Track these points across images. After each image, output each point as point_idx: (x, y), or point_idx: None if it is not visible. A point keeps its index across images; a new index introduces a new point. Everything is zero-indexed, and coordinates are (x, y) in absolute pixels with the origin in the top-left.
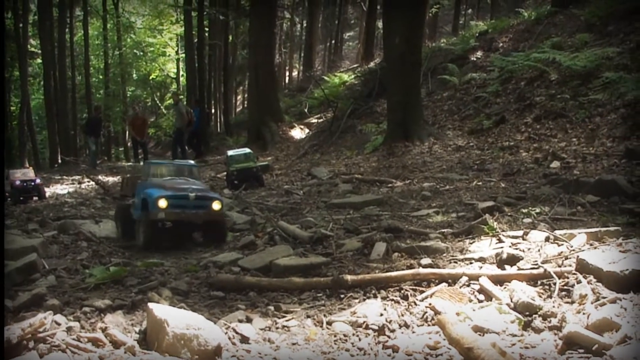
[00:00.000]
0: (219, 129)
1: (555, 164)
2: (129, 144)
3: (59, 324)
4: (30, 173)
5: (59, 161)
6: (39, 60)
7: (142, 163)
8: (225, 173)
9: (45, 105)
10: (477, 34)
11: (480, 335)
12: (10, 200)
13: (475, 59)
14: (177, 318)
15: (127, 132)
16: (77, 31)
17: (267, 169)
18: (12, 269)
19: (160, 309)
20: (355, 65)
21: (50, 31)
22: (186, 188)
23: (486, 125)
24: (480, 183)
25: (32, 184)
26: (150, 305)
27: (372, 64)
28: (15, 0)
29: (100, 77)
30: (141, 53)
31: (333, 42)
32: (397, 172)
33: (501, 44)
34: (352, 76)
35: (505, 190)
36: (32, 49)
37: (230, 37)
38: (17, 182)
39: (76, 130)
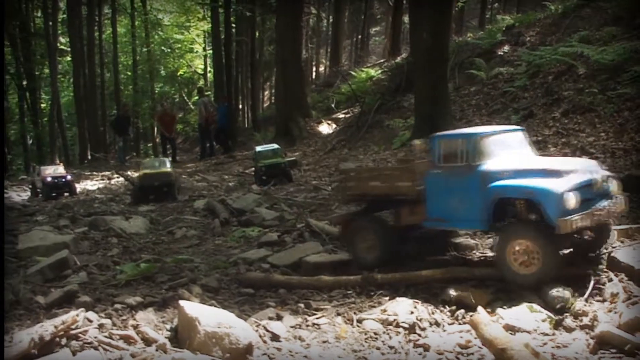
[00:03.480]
0: (246, 125)
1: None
2: (157, 140)
3: (91, 321)
4: (61, 169)
5: (89, 157)
6: (69, 58)
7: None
8: (253, 169)
9: (75, 102)
10: (504, 28)
11: (511, 334)
12: (41, 196)
13: (502, 53)
14: (209, 316)
15: (156, 128)
16: (106, 29)
17: (295, 165)
18: (44, 265)
19: (192, 307)
20: (382, 60)
21: (80, 29)
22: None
23: (514, 120)
24: None
25: (63, 180)
26: (182, 303)
27: (399, 59)
28: None
29: (129, 73)
30: (169, 50)
31: (359, 37)
32: None
33: (528, 38)
34: (379, 71)
35: None
36: (62, 47)
37: (257, 33)
38: (48, 179)
39: (105, 126)
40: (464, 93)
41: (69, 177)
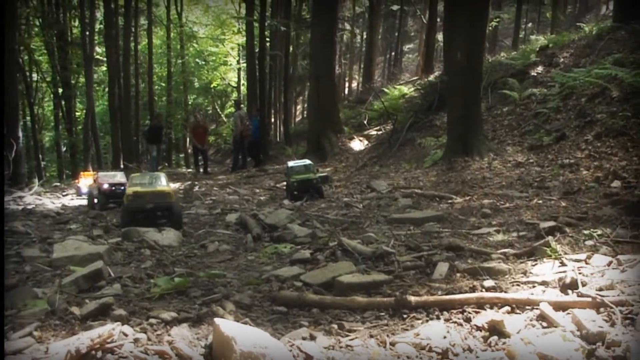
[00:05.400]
0: (277, 139)
1: (616, 183)
2: (189, 151)
3: (126, 335)
4: (120, 176)
5: (121, 166)
6: (104, 68)
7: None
8: (284, 183)
9: (109, 111)
10: (537, 49)
11: None
12: (97, 206)
13: (535, 74)
14: (244, 335)
15: (188, 139)
16: (142, 40)
17: (327, 181)
18: (79, 275)
19: (227, 326)
20: (414, 78)
21: (116, 39)
22: None
23: (546, 141)
24: (540, 201)
25: (122, 188)
26: (217, 321)
27: (431, 77)
28: (82, 10)
29: (163, 84)
30: (203, 62)
31: (393, 54)
32: (456, 188)
33: (562, 59)
34: (412, 89)
35: (565, 209)
36: (98, 57)
37: (291, 48)
38: (105, 186)
39: (138, 136)
40: (497, 113)
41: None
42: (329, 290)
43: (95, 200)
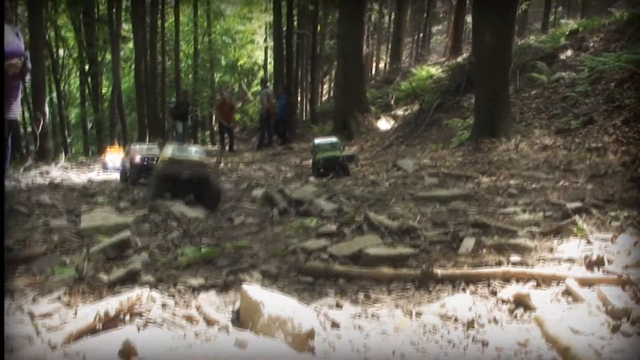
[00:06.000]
0: (304, 117)
1: None
2: (215, 129)
3: (154, 300)
4: (155, 149)
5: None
6: (131, 45)
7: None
8: (310, 161)
9: (135, 88)
10: (567, 33)
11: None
12: (129, 181)
13: (564, 58)
14: (272, 301)
15: (214, 117)
16: (169, 17)
17: (353, 159)
18: (106, 244)
19: (255, 291)
20: (442, 59)
21: (143, 17)
22: None
23: (573, 125)
24: (566, 184)
25: (155, 162)
26: (245, 286)
27: (460, 59)
28: None
29: (190, 62)
30: (230, 40)
31: (421, 35)
32: (482, 168)
33: (592, 44)
34: (440, 70)
35: (592, 192)
36: (125, 34)
37: (319, 27)
38: (138, 159)
39: (164, 113)
40: (524, 96)
41: None
42: (355, 263)
43: (127, 174)
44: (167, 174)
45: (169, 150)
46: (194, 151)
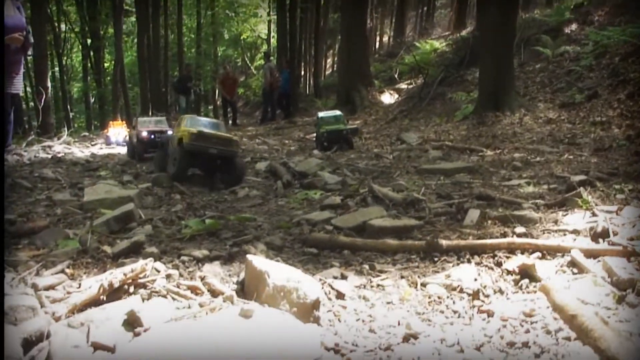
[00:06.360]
0: (307, 91)
1: None
2: (218, 103)
3: (158, 271)
4: (163, 122)
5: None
6: (133, 19)
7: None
8: (314, 134)
9: (138, 62)
10: (572, 6)
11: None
12: (136, 156)
13: (569, 32)
14: (277, 270)
15: (217, 91)
16: None
17: (356, 133)
18: (110, 217)
19: (260, 261)
20: (446, 33)
21: None
22: None
23: (578, 99)
24: (571, 157)
25: (162, 137)
26: (249, 257)
27: (464, 32)
28: None
29: (192, 36)
30: (233, 13)
31: (425, 8)
32: (487, 142)
33: (597, 18)
34: (444, 44)
35: (596, 165)
36: (127, 7)
37: (322, 0)
38: (144, 133)
39: (167, 87)
40: (529, 70)
41: (170, 132)
42: (359, 234)
43: (133, 147)
44: (194, 150)
45: (194, 123)
46: (219, 126)
